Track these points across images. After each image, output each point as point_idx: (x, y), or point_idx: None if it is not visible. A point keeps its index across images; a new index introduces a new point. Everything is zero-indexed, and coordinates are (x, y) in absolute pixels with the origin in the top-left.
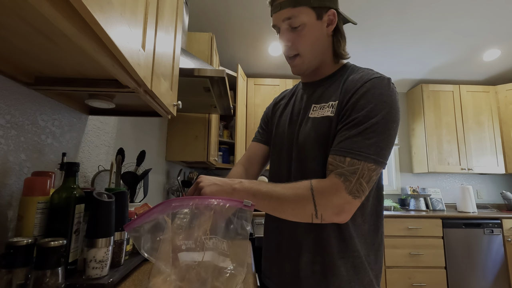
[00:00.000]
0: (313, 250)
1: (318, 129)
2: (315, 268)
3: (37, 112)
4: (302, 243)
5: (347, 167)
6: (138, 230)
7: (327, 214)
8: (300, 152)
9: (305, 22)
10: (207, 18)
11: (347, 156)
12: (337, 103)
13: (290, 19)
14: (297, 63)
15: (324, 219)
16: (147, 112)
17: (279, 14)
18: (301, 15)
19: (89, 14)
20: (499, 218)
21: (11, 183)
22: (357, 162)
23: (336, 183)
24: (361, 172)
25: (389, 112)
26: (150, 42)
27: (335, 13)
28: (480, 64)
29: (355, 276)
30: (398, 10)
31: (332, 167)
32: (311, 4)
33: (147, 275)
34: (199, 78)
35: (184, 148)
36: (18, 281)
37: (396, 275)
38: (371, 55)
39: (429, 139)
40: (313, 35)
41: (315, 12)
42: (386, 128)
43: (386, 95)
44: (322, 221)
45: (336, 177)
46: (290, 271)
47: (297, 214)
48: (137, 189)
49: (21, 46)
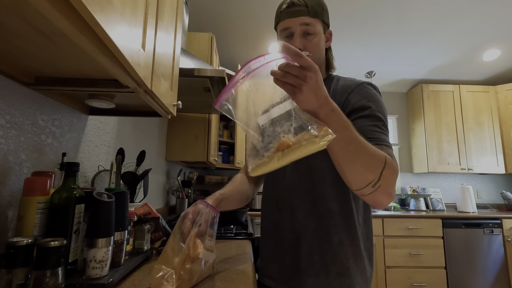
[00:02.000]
0: (312, 241)
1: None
2: (314, 258)
3: (37, 112)
4: (301, 235)
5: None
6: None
7: (383, 187)
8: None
9: (318, 32)
10: (207, 18)
11: (383, 144)
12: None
13: (308, 26)
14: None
15: (376, 193)
16: (147, 112)
17: (298, 19)
18: (317, 25)
19: (89, 14)
20: (499, 218)
21: (11, 183)
22: (391, 153)
23: (396, 167)
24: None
25: (386, 111)
26: (150, 42)
27: (331, 33)
28: (480, 64)
29: (353, 263)
30: (398, 11)
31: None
32: (323, 19)
33: (147, 275)
34: (199, 78)
35: (184, 148)
36: (18, 281)
37: (396, 275)
38: (371, 55)
39: (429, 139)
40: (320, 45)
41: (323, 27)
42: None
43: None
44: (370, 194)
45: (394, 162)
46: (290, 263)
47: (362, 171)
48: (137, 189)
49: (21, 46)
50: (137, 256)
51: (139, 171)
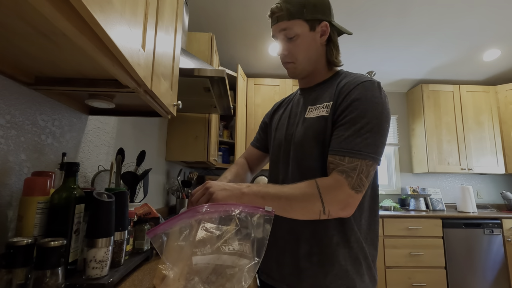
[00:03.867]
0: (311, 242)
1: (313, 128)
2: (313, 259)
3: (37, 112)
4: (300, 235)
5: (347, 165)
6: (160, 236)
7: (333, 209)
8: (297, 151)
9: (298, 33)
10: (207, 18)
11: (346, 156)
12: (331, 103)
13: (285, 30)
14: (290, 67)
15: (331, 215)
16: (147, 112)
17: (276, 26)
18: (295, 27)
19: (89, 14)
20: (499, 218)
21: (11, 183)
22: (356, 160)
23: (339, 180)
24: (360, 168)
25: (382, 112)
26: (150, 42)
27: (327, 25)
28: (480, 64)
29: (352, 266)
30: (398, 11)
31: (333, 165)
32: (304, 17)
33: (147, 275)
34: (199, 78)
35: (184, 148)
36: (18, 281)
37: (396, 275)
38: (371, 55)
39: (429, 139)
40: (306, 44)
41: (308, 24)
42: (380, 127)
43: (377, 97)
44: (329, 217)
45: (338, 174)
46: (290, 262)
47: (306, 212)
48: (137, 189)
49: (21, 46)
50: (137, 256)
51: (139, 171)
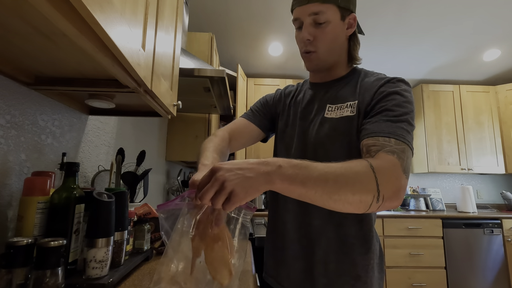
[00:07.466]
0: (327, 249)
1: (338, 129)
2: (330, 266)
3: (37, 112)
4: (315, 241)
5: (395, 146)
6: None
7: (388, 195)
8: (318, 152)
9: (330, 19)
10: (207, 18)
11: (392, 138)
12: (356, 103)
13: (317, 15)
14: (313, 58)
15: (384, 203)
16: (147, 112)
17: (306, 7)
18: (328, 12)
19: (89, 14)
20: (499, 218)
21: (11, 183)
22: (402, 144)
23: (391, 159)
24: (408, 153)
25: (413, 110)
26: (150, 42)
27: (355, 17)
28: (480, 64)
29: (366, 274)
30: (398, 10)
31: (376, 147)
32: (338, 3)
33: (147, 275)
34: (199, 78)
35: (184, 148)
36: (18, 281)
37: (396, 275)
38: (371, 55)
39: (429, 139)
40: (335, 34)
41: (340, 12)
42: (413, 121)
43: (409, 95)
44: (378, 208)
45: (388, 155)
46: (303, 269)
47: (356, 200)
48: (137, 189)
49: (21, 46)
50: (137, 256)
51: (139, 171)
